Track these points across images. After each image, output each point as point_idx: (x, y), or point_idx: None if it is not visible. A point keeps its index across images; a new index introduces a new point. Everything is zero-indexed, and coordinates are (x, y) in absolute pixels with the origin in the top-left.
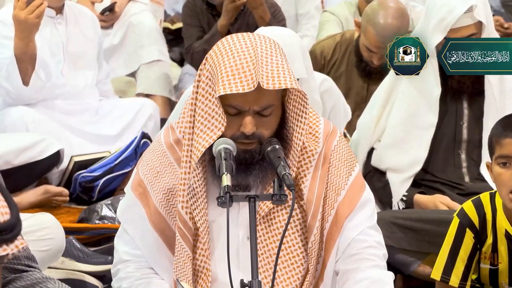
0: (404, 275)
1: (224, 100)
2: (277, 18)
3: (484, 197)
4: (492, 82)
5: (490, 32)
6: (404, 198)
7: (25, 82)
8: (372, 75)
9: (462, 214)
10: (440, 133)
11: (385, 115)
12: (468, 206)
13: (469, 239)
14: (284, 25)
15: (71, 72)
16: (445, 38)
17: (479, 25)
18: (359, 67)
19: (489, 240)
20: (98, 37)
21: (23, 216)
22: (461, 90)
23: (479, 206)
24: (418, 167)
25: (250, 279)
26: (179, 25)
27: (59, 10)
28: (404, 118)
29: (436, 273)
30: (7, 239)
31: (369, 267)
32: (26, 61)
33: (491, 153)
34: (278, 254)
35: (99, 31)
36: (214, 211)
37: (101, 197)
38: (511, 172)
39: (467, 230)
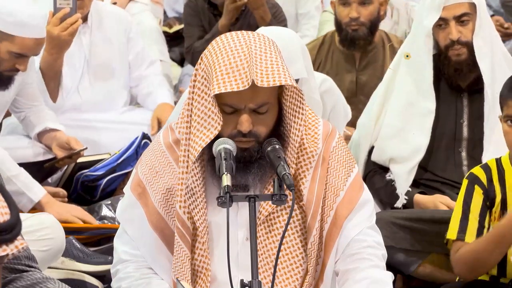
0: (404, 275)
1: (220, 99)
2: (278, 19)
3: (491, 161)
4: (487, 78)
5: (483, 17)
6: (406, 198)
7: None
8: (355, 41)
9: (470, 175)
10: (440, 131)
11: (384, 113)
12: (476, 168)
13: (478, 195)
14: (285, 25)
15: (90, 86)
16: (440, 18)
17: (473, 7)
18: (343, 40)
19: (498, 197)
20: (126, 36)
21: (23, 216)
22: (459, 77)
23: (486, 168)
24: (420, 155)
25: (249, 279)
26: (176, 28)
27: (84, 18)
28: (402, 107)
29: (451, 233)
30: (7, 239)
31: (368, 267)
32: (50, 76)
33: (501, 109)
34: (278, 254)
35: (128, 28)
36: (213, 211)
37: (103, 196)
38: None
39: (476, 186)
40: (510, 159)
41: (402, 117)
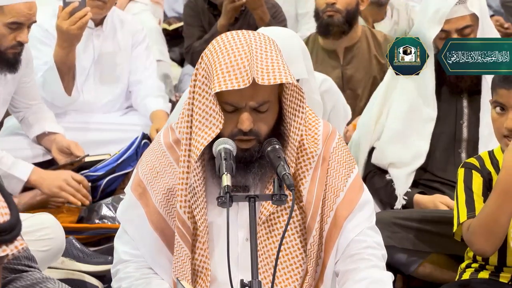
0: (404, 275)
1: (221, 98)
2: (278, 19)
3: (483, 153)
4: (488, 81)
5: (486, 26)
6: (405, 198)
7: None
8: (329, 27)
9: (465, 164)
10: (440, 132)
11: (385, 114)
12: (469, 159)
13: (477, 177)
14: (285, 25)
15: (94, 88)
16: (442, 30)
17: (475, 18)
18: (318, 28)
19: (494, 181)
20: (131, 42)
21: (23, 216)
22: (460, 84)
23: (478, 157)
24: (420, 161)
25: (250, 279)
26: (176, 25)
27: (100, 21)
28: (404, 112)
29: (462, 216)
30: (7, 240)
31: (368, 267)
32: (64, 71)
33: (491, 94)
34: (278, 255)
35: (136, 33)
36: (213, 211)
37: (103, 197)
38: (504, 119)
39: (473, 171)
40: (502, 150)
41: (404, 121)
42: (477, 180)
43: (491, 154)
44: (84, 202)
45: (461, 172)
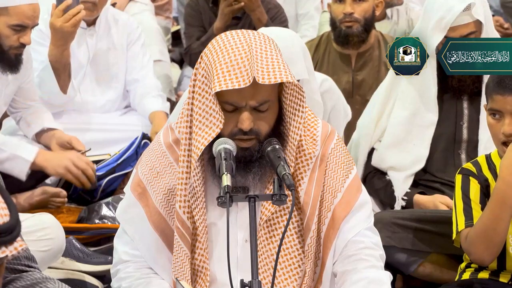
0: (404, 275)
1: (221, 97)
2: (279, 19)
3: (481, 157)
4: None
5: (489, 31)
6: (405, 198)
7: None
8: (349, 38)
9: (462, 170)
10: (440, 133)
11: (386, 115)
12: (466, 164)
13: (474, 184)
14: (286, 26)
15: (91, 87)
16: (445, 37)
17: (478, 24)
18: (337, 38)
19: (492, 187)
20: (127, 41)
21: (23, 216)
22: (462, 89)
23: (475, 163)
24: (420, 165)
25: (249, 279)
26: (176, 27)
27: (92, 22)
28: (405, 117)
29: (460, 225)
30: (6, 241)
31: (366, 267)
32: (59, 69)
33: (486, 99)
34: (278, 255)
35: (132, 32)
36: (213, 212)
37: (103, 197)
38: (501, 125)
39: (470, 178)
40: (499, 154)
41: (404, 126)
42: (474, 187)
43: (488, 159)
44: (86, 185)
45: (458, 178)
